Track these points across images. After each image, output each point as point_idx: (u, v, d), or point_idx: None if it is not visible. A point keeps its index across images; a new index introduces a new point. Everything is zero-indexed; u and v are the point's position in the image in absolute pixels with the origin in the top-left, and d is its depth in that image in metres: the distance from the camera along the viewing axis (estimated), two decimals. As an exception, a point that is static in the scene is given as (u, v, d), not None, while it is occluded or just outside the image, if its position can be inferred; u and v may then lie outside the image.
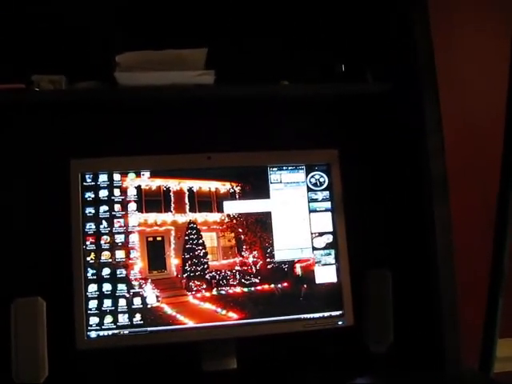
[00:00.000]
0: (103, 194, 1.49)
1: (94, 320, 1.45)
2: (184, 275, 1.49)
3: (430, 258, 1.50)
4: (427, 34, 1.51)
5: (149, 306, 1.47)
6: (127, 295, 1.46)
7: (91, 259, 1.46)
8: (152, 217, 1.49)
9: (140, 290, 1.47)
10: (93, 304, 1.45)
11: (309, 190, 1.58)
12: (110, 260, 1.47)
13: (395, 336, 1.58)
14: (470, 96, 1.84)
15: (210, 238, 1.51)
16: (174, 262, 1.49)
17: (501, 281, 1.62)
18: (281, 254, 1.54)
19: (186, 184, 1.52)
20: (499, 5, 1.84)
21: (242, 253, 1.52)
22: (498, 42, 1.77)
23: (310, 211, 1.57)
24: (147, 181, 1.51)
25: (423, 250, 1.53)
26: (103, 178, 1.50)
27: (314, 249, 1.55)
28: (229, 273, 1.51)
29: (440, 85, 1.51)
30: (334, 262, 1.56)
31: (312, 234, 1.56)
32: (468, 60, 1.85)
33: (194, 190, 1.52)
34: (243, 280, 1.51)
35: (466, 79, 1.84)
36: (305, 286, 1.53)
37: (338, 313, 1.54)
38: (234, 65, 1.60)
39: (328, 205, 1.58)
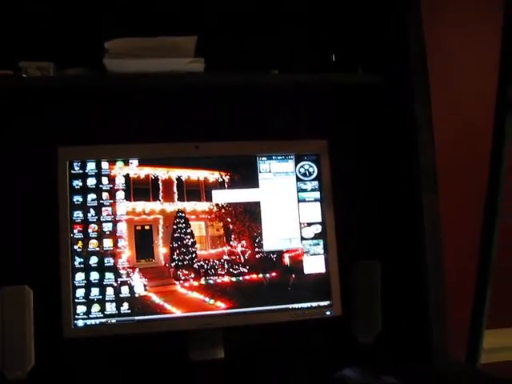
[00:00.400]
0: (91, 182, 1.48)
1: (81, 309, 1.44)
2: (172, 264, 1.49)
3: (418, 249, 1.50)
4: (419, 28, 1.52)
5: (136, 295, 1.46)
6: (115, 284, 1.46)
7: (79, 248, 1.45)
8: (140, 205, 1.49)
9: (128, 278, 1.46)
10: (80, 293, 1.44)
11: (298, 179, 1.57)
12: (98, 249, 1.46)
13: (383, 327, 1.59)
14: (462, 93, 1.84)
15: (198, 227, 1.51)
16: (162, 250, 1.48)
17: (489, 273, 1.63)
18: (269, 243, 1.53)
19: (174, 173, 1.51)
20: (490, 4, 1.84)
21: (231, 242, 1.52)
22: (491, 40, 1.77)
23: (299, 201, 1.57)
24: (135, 169, 1.50)
25: (412, 241, 1.53)
26: (91, 166, 1.48)
27: (302, 239, 1.55)
28: (217, 262, 1.51)
29: (432, 82, 1.51)
30: (322, 252, 1.55)
31: (301, 224, 1.56)
32: (460, 57, 1.85)
33: (183, 179, 1.51)
34: (231, 269, 1.51)
35: (457, 76, 1.84)
36: (293, 276, 1.53)
37: (326, 303, 1.54)
38: (225, 53, 1.59)
39: (317, 195, 1.57)
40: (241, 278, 1.51)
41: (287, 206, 1.56)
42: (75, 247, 1.45)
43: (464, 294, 1.64)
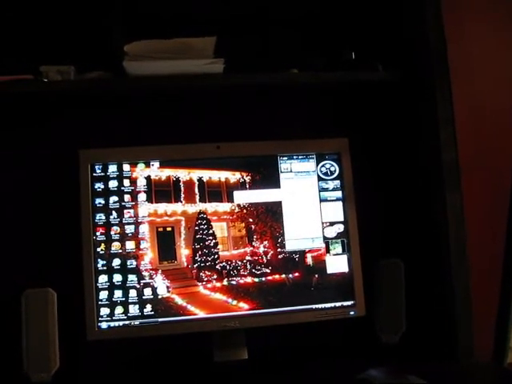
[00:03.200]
0: (113, 184, 1.49)
1: (104, 311, 1.45)
2: (194, 266, 1.49)
3: (442, 246, 1.49)
4: (439, 22, 1.50)
5: (159, 297, 1.46)
6: (138, 286, 1.46)
7: (101, 250, 1.46)
8: (162, 207, 1.49)
9: (150, 280, 1.46)
10: (103, 295, 1.45)
11: (319, 179, 1.56)
12: (120, 251, 1.47)
13: (407, 326, 1.57)
14: (483, 88, 1.82)
15: (220, 228, 1.50)
16: (184, 252, 1.49)
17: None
18: (292, 243, 1.53)
19: (195, 174, 1.51)
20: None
21: (253, 243, 1.51)
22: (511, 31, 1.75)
23: (321, 200, 1.56)
24: (157, 171, 1.50)
25: (435, 238, 1.52)
26: (113, 168, 1.49)
27: (325, 238, 1.54)
28: (239, 263, 1.50)
29: (452, 77, 1.50)
30: (345, 251, 1.54)
31: (323, 223, 1.55)
32: (481, 51, 1.82)
33: (204, 180, 1.51)
34: (254, 270, 1.50)
35: (477, 69, 1.81)
36: (316, 276, 1.53)
37: (349, 303, 1.53)
38: (243, 53, 1.59)
39: (339, 194, 1.57)
40: (263, 279, 1.51)
41: (309, 205, 1.55)
42: (98, 249, 1.46)
43: (489, 293, 1.61)
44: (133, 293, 1.46)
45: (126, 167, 1.50)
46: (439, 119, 1.48)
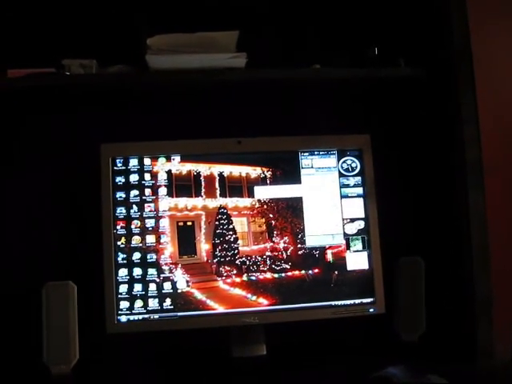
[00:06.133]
0: (134, 178, 1.49)
1: (124, 304, 1.45)
2: (214, 260, 1.49)
3: (464, 245, 1.47)
4: (463, 18, 1.48)
5: (179, 291, 1.46)
6: (157, 280, 1.46)
7: (122, 243, 1.46)
8: (182, 201, 1.49)
9: (170, 274, 1.47)
10: (123, 288, 1.45)
11: (340, 175, 1.55)
12: (141, 244, 1.47)
13: (427, 325, 1.56)
14: (506, 84, 1.79)
15: (240, 223, 1.50)
16: (204, 247, 1.49)
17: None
18: (312, 239, 1.52)
19: (216, 169, 1.51)
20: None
21: (273, 238, 1.51)
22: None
23: (342, 197, 1.55)
24: (178, 165, 1.50)
25: (457, 237, 1.50)
26: (134, 162, 1.49)
27: (345, 235, 1.54)
28: (259, 258, 1.50)
29: (476, 74, 1.48)
30: (365, 248, 1.54)
31: (343, 220, 1.54)
32: (504, 46, 1.80)
33: (225, 175, 1.51)
34: (274, 266, 1.50)
35: (501, 66, 1.79)
36: (336, 272, 1.52)
37: (369, 300, 1.52)
38: (266, 48, 1.59)
39: (360, 190, 1.56)
40: (283, 275, 1.50)
41: (330, 201, 1.54)
42: (118, 243, 1.46)
43: (510, 292, 1.60)
44: (152, 287, 1.46)
45: (147, 161, 1.50)
46: (463, 117, 1.47)
